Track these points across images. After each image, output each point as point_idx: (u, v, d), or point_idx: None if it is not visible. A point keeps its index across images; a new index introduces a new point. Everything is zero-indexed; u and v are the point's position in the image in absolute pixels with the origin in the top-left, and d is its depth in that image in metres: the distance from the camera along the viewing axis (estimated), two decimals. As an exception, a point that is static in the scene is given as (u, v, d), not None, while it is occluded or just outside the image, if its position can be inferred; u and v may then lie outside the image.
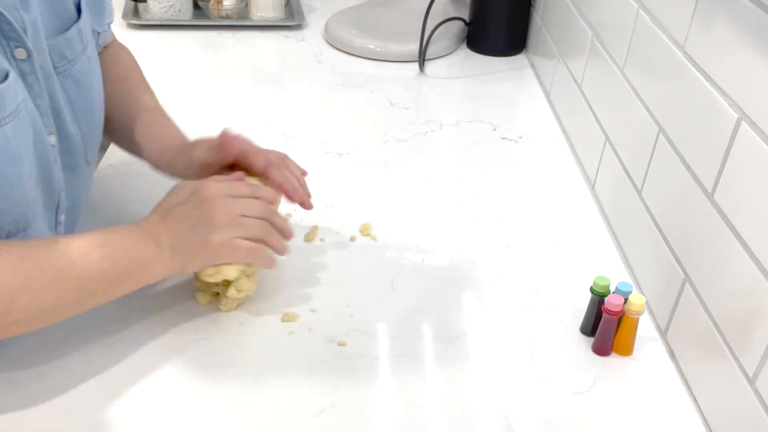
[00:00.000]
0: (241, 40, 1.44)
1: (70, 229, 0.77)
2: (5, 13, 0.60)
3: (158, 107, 0.87)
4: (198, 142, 0.80)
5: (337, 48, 1.42)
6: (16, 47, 0.62)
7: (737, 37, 0.65)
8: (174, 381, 0.69)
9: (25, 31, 0.63)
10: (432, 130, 1.15)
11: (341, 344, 0.74)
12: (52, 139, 0.69)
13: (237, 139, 0.77)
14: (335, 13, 1.49)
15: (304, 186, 0.81)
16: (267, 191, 0.74)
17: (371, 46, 1.38)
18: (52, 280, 0.62)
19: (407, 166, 1.06)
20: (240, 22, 1.48)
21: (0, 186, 0.62)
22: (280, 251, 0.74)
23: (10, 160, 0.62)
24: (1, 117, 0.61)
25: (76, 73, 0.73)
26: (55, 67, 0.70)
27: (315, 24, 1.52)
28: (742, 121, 0.64)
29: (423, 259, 0.87)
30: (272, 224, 0.73)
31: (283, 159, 0.81)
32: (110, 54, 0.89)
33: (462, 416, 0.68)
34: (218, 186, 0.71)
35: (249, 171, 0.78)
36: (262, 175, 0.78)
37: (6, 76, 0.61)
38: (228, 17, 1.47)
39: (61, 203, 0.73)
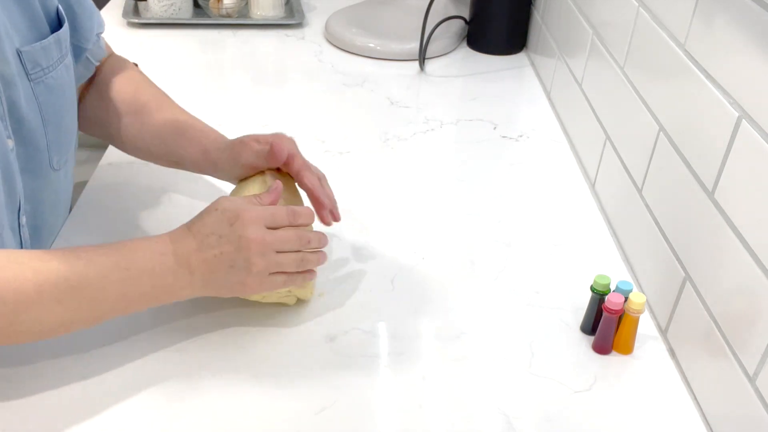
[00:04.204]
0: (241, 39, 1.44)
1: (36, 232, 0.77)
2: None
3: (186, 113, 0.87)
4: (244, 144, 0.78)
5: (337, 47, 1.42)
6: None
7: (738, 35, 0.65)
8: (174, 380, 0.69)
9: None
10: (432, 129, 1.15)
11: None
12: (10, 143, 0.69)
13: (286, 146, 0.77)
14: (335, 12, 1.49)
15: (332, 199, 0.81)
16: (304, 214, 0.73)
17: (371, 45, 1.38)
18: (65, 296, 0.62)
19: (407, 164, 1.06)
20: (240, 20, 1.48)
21: None
22: (317, 264, 0.75)
23: None
24: None
25: (49, 80, 0.73)
26: (28, 74, 0.71)
27: (315, 22, 1.52)
28: (743, 120, 0.64)
29: (423, 258, 0.87)
30: (308, 246, 0.73)
31: (321, 176, 0.81)
32: (116, 71, 0.88)
33: (462, 415, 0.68)
34: (257, 221, 0.69)
35: (285, 170, 0.79)
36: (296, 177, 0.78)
37: None
38: (228, 16, 1.47)
39: (22, 206, 0.73)
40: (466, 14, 1.46)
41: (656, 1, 0.84)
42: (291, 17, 1.50)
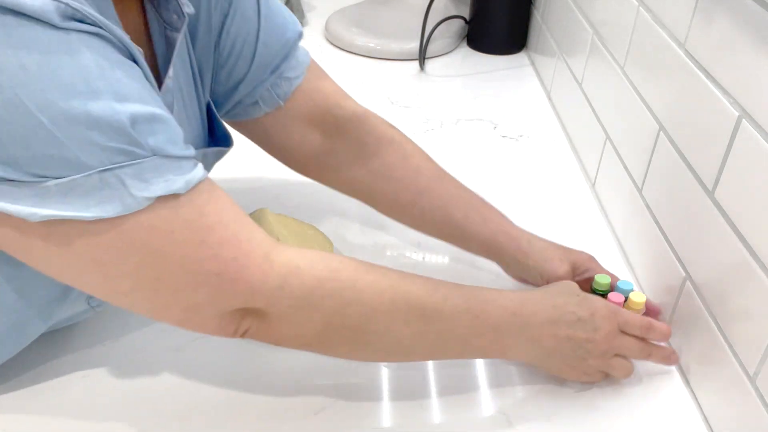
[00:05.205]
0: (242, 39, 1.43)
1: None
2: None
3: (467, 188, 0.82)
4: (548, 259, 0.78)
5: (337, 46, 1.42)
6: None
7: (738, 35, 0.65)
8: (173, 380, 0.69)
9: None
10: (432, 129, 1.15)
11: None
12: None
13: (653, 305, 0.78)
14: (335, 12, 1.49)
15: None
16: (660, 330, 0.71)
17: (371, 45, 1.38)
18: (414, 320, 0.61)
19: (407, 164, 1.06)
20: (240, 20, 1.47)
21: None
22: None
23: None
24: None
25: None
26: None
27: (315, 22, 1.52)
28: (743, 119, 0.64)
29: (423, 258, 0.87)
30: (646, 359, 0.72)
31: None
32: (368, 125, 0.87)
33: (462, 415, 0.68)
34: (614, 319, 0.68)
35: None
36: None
37: None
38: (228, 16, 1.47)
39: None
40: (466, 14, 1.46)
41: (656, 1, 0.84)
42: (291, 17, 1.50)
